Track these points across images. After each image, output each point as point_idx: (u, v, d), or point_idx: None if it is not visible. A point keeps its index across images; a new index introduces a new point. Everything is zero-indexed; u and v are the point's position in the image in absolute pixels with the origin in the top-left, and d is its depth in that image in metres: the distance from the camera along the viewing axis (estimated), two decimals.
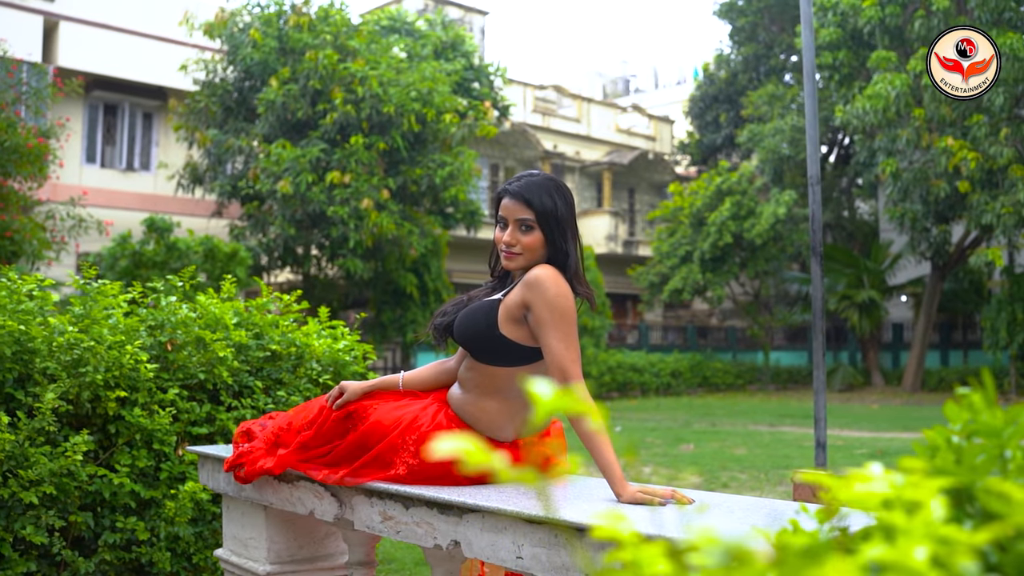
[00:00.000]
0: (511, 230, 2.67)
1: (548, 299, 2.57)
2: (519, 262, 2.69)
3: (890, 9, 19.64)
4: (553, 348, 2.55)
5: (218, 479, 3.44)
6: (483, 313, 2.68)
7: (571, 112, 31.95)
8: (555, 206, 2.65)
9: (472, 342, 2.71)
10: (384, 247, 15.75)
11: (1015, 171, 18.30)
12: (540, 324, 2.57)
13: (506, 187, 2.72)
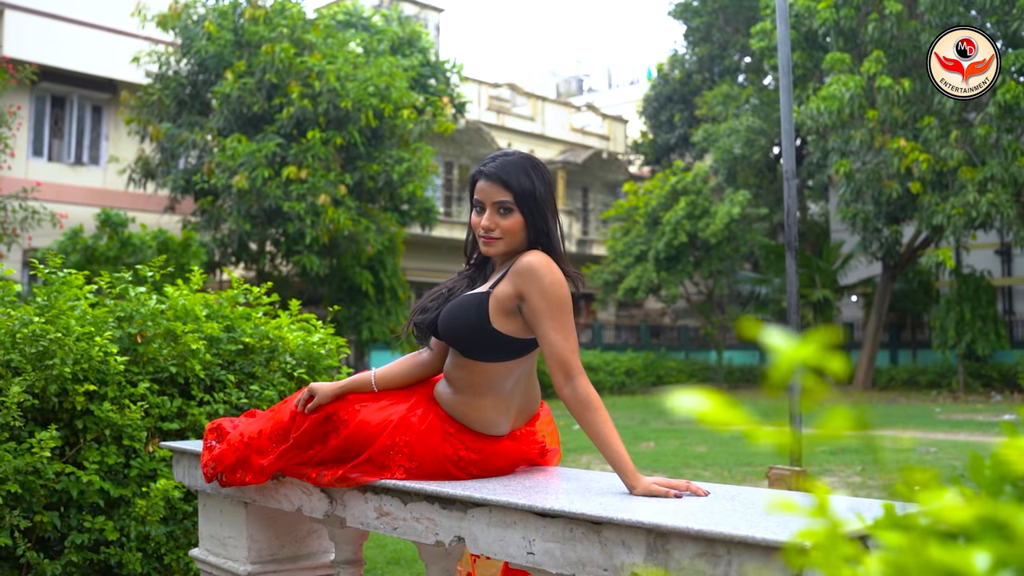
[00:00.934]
0: (489, 214, 2.53)
1: (543, 288, 2.46)
2: (499, 247, 2.55)
3: (844, 12, 19.83)
4: (552, 339, 2.45)
5: (195, 476, 3.30)
6: (472, 307, 2.52)
7: (525, 111, 31.91)
8: (533, 186, 2.52)
9: (462, 339, 2.54)
10: (340, 244, 15.56)
11: (965, 173, 18.57)
12: (536, 314, 2.46)
13: (480, 169, 2.56)
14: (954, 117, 19.05)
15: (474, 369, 2.57)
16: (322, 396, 2.70)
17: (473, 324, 2.51)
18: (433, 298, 2.69)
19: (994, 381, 22.84)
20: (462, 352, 2.56)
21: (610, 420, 2.39)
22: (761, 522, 1.91)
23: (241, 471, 2.84)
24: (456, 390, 2.61)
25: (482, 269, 2.71)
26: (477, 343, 2.53)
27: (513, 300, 2.50)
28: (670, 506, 2.11)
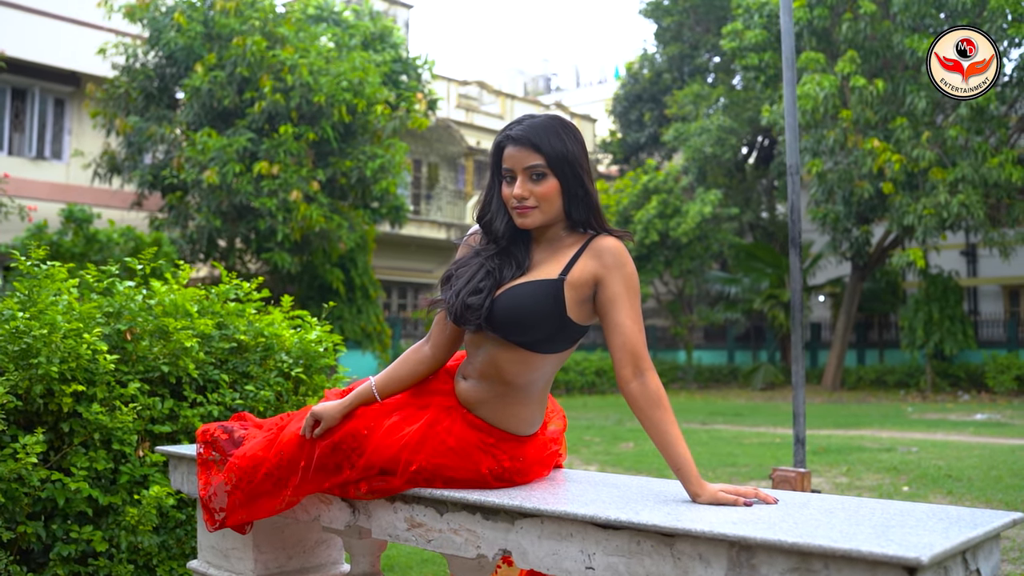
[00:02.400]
0: (521, 181, 2.31)
1: (626, 274, 2.28)
2: (536, 217, 2.33)
3: (818, 11, 19.84)
4: (628, 329, 2.25)
5: (195, 482, 3.07)
6: (548, 295, 2.27)
7: (494, 109, 31.73)
8: (565, 147, 2.31)
9: (533, 329, 2.29)
10: (312, 241, 15.27)
11: (935, 174, 18.64)
12: (614, 301, 2.26)
13: (507, 134, 2.35)
14: (926, 118, 19.12)
15: (532, 363, 2.35)
16: (328, 420, 2.46)
17: (551, 313, 2.28)
18: (478, 278, 2.38)
19: (961, 381, 23.00)
20: (525, 344, 2.32)
21: (676, 422, 2.20)
22: (857, 533, 1.74)
23: (245, 512, 2.61)
24: (500, 390, 2.38)
25: (511, 250, 2.42)
26: (549, 335, 2.31)
27: (590, 287, 2.30)
28: (747, 515, 1.93)
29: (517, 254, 2.41)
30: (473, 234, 2.56)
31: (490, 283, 2.36)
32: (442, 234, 27.53)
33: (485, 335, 2.37)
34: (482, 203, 2.48)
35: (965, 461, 9.60)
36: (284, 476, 2.51)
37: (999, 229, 19.92)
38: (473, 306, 2.34)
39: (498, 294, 2.34)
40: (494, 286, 2.36)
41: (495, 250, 2.42)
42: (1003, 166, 17.91)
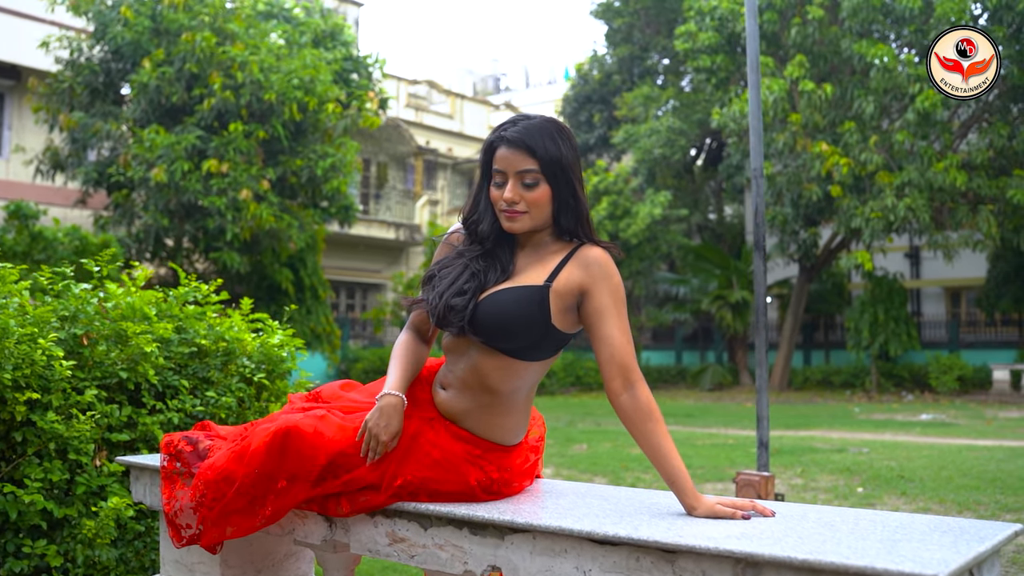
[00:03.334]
0: (512, 185, 2.25)
1: (613, 285, 2.23)
2: (524, 222, 2.27)
3: (768, 16, 20.01)
4: (615, 340, 2.20)
5: (159, 495, 2.95)
6: (533, 302, 2.22)
7: (444, 108, 31.60)
8: (560, 152, 2.25)
9: (518, 336, 2.24)
10: (261, 240, 15.04)
11: (882, 177, 18.91)
12: (601, 313, 2.21)
13: (501, 134, 2.29)
14: (873, 123, 19.39)
15: (516, 370, 2.29)
16: (394, 436, 2.31)
17: (536, 321, 2.22)
18: (462, 279, 2.31)
19: (905, 381, 23.36)
20: (509, 352, 2.26)
21: (669, 433, 2.15)
22: (866, 548, 1.69)
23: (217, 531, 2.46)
24: (485, 399, 2.31)
25: (496, 252, 2.35)
26: (534, 342, 2.25)
27: (575, 296, 2.25)
28: (748, 530, 1.88)
29: (502, 257, 2.35)
30: (454, 233, 2.49)
31: (474, 285, 2.30)
32: (391, 234, 27.34)
33: (467, 342, 2.30)
34: (470, 203, 2.41)
35: (915, 462, 9.71)
36: (259, 493, 2.37)
37: (943, 232, 20.26)
38: (456, 307, 2.27)
39: (482, 298, 2.27)
40: (478, 289, 2.29)
41: (479, 251, 2.36)
42: (948, 171, 18.21)
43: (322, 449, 2.29)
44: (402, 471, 2.26)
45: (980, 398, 20.74)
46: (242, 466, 2.39)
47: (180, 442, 2.66)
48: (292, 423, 2.33)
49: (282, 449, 2.31)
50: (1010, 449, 10.84)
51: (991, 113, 20.13)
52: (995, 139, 18.73)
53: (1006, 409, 17.59)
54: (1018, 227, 19.48)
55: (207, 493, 2.44)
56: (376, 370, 22.18)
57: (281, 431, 2.33)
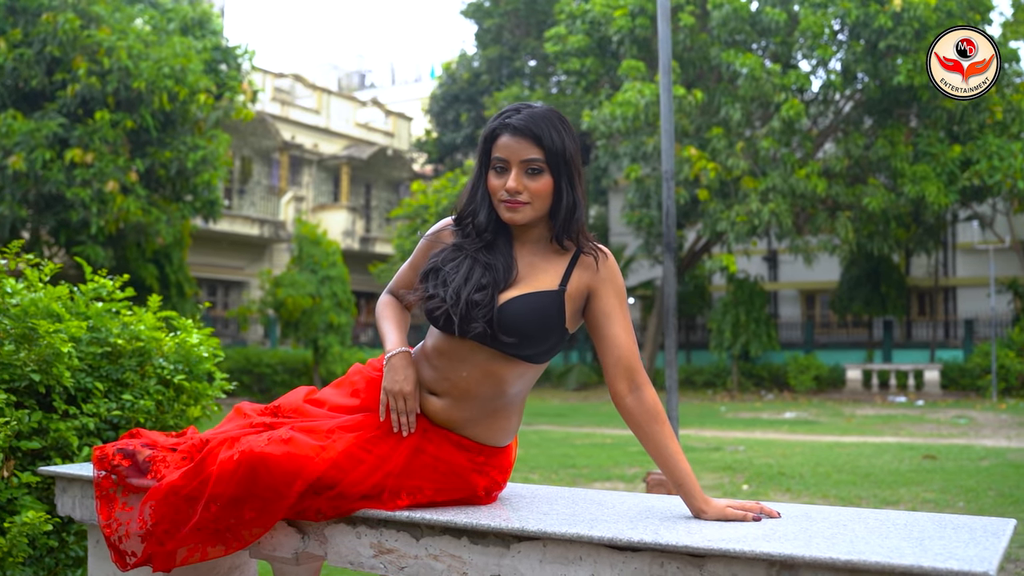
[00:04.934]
0: (516, 174, 2.15)
1: (618, 286, 2.20)
2: (526, 213, 2.17)
3: (639, 21, 20.38)
4: (621, 341, 2.17)
5: (90, 507, 2.73)
6: (553, 307, 2.15)
7: (310, 103, 31.02)
8: (564, 145, 2.17)
9: (537, 341, 2.16)
10: (127, 235, 14.38)
11: (747, 183, 19.52)
12: (608, 314, 2.18)
13: (505, 121, 2.19)
14: (740, 129, 20.00)
15: (527, 374, 2.24)
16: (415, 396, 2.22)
17: (556, 326, 2.16)
18: (477, 274, 2.18)
19: (765, 380, 24.20)
20: (527, 357, 2.18)
21: (675, 436, 2.11)
22: (901, 547, 1.68)
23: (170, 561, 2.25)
24: (490, 406, 2.23)
25: (495, 247, 2.24)
26: (549, 345, 2.19)
27: (583, 298, 2.21)
28: (769, 531, 1.84)
29: (503, 253, 2.23)
30: (441, 231, 2.38)
31: (491, 279, 2.17)
32: (255, 230, 26.65)
33: (470, 346, 2.17)
34: (468, 195, 2.30)
35: (791, 459, 10.03)
36: (224, 526, 2.19)
37: (803, 237, 21.07)
38: (480, 303, 2.13)
39: (501, 303, 2.15)
40: (495, 285, 2.17)
41: (481, 244, 2.23)
42: (809, 177, 18.95)
43: (298, 476, 2.12)
44: (406, 485, 2.15)
45: (835, 396, 21.67)
46: (202, 491, 2.20)
47: (115, 456, 2.44)
48: (259, 450, 2.14)
49: (251, 480, 2.13)
50: (875, 445, 11.34)
51: (847, 124, 21.06)
52: (852, 149, 19.59)
53: (861, 407, 18.41)
54: (872, 233, 20.44)
55: (159, 523, 2.23)
56: (241, 369, 21.58)
57: (246, 460, 2.13)
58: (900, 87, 19.12)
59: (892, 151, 19.54)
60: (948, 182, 19.42)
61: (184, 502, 2.21)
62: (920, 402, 19.67)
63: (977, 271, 26.99)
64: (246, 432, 2.31)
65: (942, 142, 19.89)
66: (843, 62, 19.95)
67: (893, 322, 26.23)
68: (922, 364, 22.31)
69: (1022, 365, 20.55)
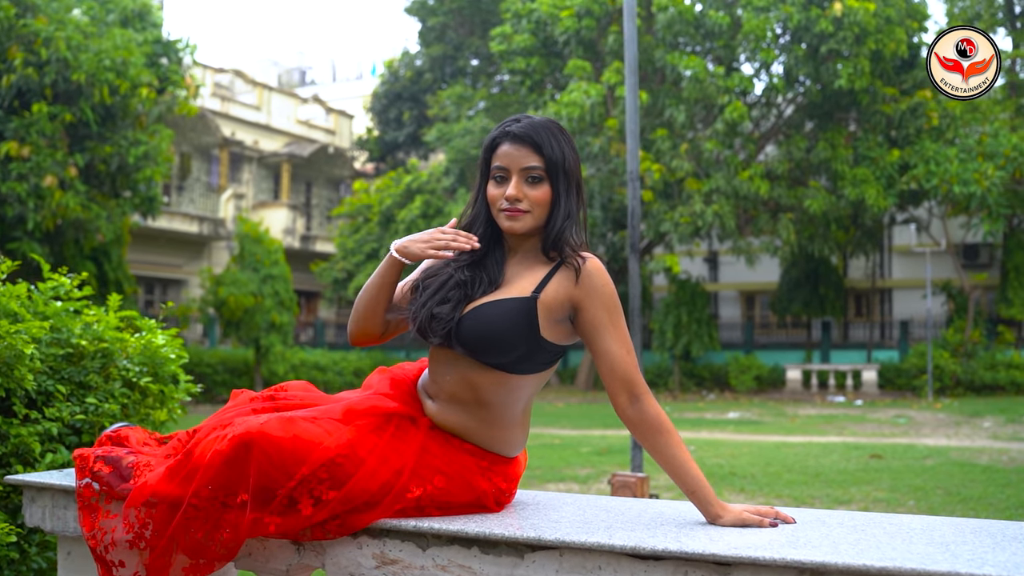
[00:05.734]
0: (516, 182, 2.13)
1: (606, 298, 2.12)
2: (526, 222, 2.14)
3: (586, 22, 20.44)
4: (614, 354, 2.11)
5: (62, 517, 2.61)
6: (520, 314, 2.09)
7: (251, 99, 30.59)
8: (564, 155, 2.15)
9: (505, 350, 2.10)
10: (65, 231, 14.00)
11: (691, 184, 19.69)
12: (597, 327, 2.12)
13: (505, 129, 2.17)
14: (684, 131, 20.16)
15: (509, 384, 2.15)
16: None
17: (523, 334, 2.09)
18: (447, 287, 2.18)
19: (706, 380, 24.43)
20: (499, 366, 2.12)
21: (683, 443, 2.07)
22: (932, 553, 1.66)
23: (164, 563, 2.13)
24: (481, 414, 2.17)
25: (485, 261, 2.23)
26: (523, 355, 2.12)
27: (566, 309, 2.14)
28: (792, 538, 1.81)
29: (490, 266, 2.22)
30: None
31: (459, 294, 2.16)
32: (194, 227, 26.20)
33: (454, 353, 2.16)
34: (469, 206, 2.28)
35: (740, 459, 10.11)
36: (214, 513, 2.07)
37: (746, 238, 21.31)
38: (440, 316, 2.13)
39: (467, 310, 2.13)
40: (464, 298, 2.15)
41: (468, 260, 2.22)
42: (752, 179, 19.17)
43: (305, 457, 2.03)
44: (413, 484, 2.08)
45: (776, 396, 21.95)
46: (190, 483, 2.09)
47: (96, 463, 2.32)
48: (256, 428, 2.03)
49: (244, 460, 2.03)
50: (821, 445, 11.48)
51: (789, 127, 21.35)
52: (794, 151, 19.86)
53: (802, 407, 18.67)
54: (813, 235, 20.74)
55: (146, 523, 2.12)
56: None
57: (242, 437, 2.02)
58: (841, 91, 19.44)
59: (833, 154, 19.86)
60: (887, 185, 19.80)
61: (171, 499, 2.10)
62: (859, 402, 20.02)
63: (912, 273, 27.59)
64: (243, 413, 2.23)
65: (881, 146, 20.27)
66: (785, 66, 20.23)
67: (831, 323, 26.67)
68: (860, 364, 22.71)
69: (956, 366, 21.02)
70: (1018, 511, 6.89)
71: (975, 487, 7.99)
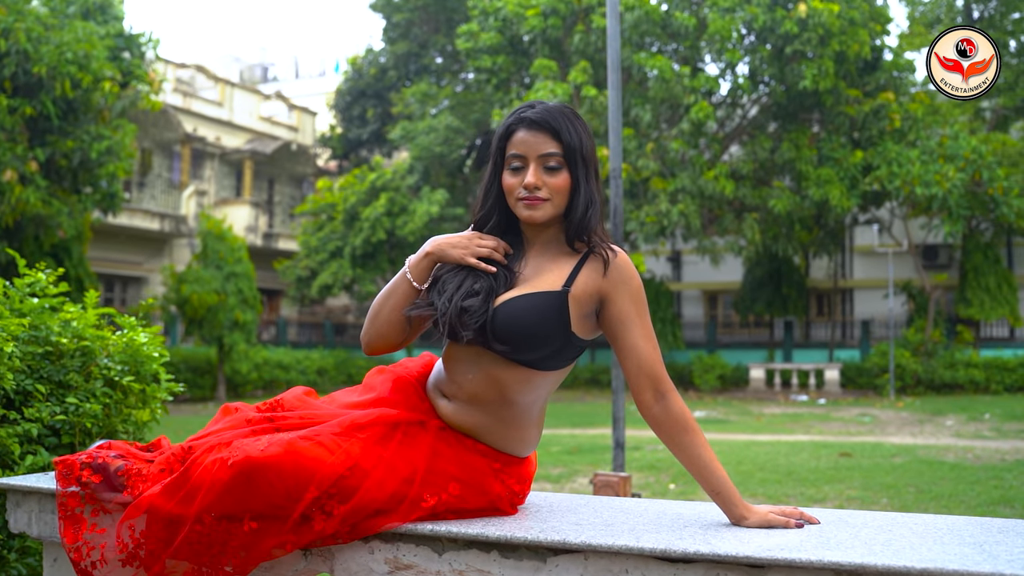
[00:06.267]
0: (534, 169, 2.06)
1: (633, 290, 2.06)
2: (546, 210, 2.07)
3: (552, 21, 20.42)
4: (642, 350, 2.04)
5: (50, 522, 2.51)
6: (552, 309, 2.02)
7: (213, 95, 30.22)
8: (582, 141, 2.09)
9: (536, 346, 2.03)
10: (25, 227, 13.73)
11: (657, 183, 19.74)
12: (625, 322, 2.05)
13: (521, 116, 2.10)
14: (650, 131, 20.20)
15: (534, 381, 2.09)
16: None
17: (557, 329, 2.03)
18: (471, 280, 2.09)
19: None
20: (528, 362, 2.05)
21: (707, 442, 2.02)
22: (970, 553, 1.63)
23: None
24: (502, 413, 2.10)
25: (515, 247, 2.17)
26: (553, 351, 2.05)
27: (594, 302, 2.07)
28: (823, 538, 1.77)
29: (510, 258, 2.15)
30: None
31: (486, 286, 2.08)
32: (155, 224, 25.85)
33: (476, 351, 2.08)
34: (481, 199, 2.19)
35: None
36: (219, 540, 1.99)
37: (710, 238, 21.42)
38: (471, 310, 2.04)
39: (496, 305, 2.05)
40: (491, 290, 2.07)
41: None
42: (717, 179, 19.25)
43: (309, 480, 1.95)
44: (427, 493, 2.01)
45: (740, 396, 22.08)
46: (189, 504, 1.99)
47: (83, 471, 2.20)
48: (256, 455, 1.95)
49: (246, 488, 1.95)
50: (789, 444, 11.54)
51: (754, 127, 21.48)
52: (758, 151, 19.98)
53: (767, 406, 18.79)
54: (777, 235, 20.88)
55: (142, 545, 2.03)
56: None
57: (242, 466, 1.94)
58: (805, 92, 19.59)
59: (797, 154, 20.01)
60: (850, 186, 19.99)
61: (169, 518, 2.01)
62: (822, 400, 20.18)
63: (873, 273, 27.88)
64: (241, 435, 2.11)
65: (844, 147, 20.46)
66: (750, 66, 20.34)
67: (793, 322, 26.89)
68: (822, 363, 22.90)
69: (917, 365, 21.27)
70: (990, 508, 6.95)
71: (945, 484, 8.05)
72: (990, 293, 22.71)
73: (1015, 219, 20.13)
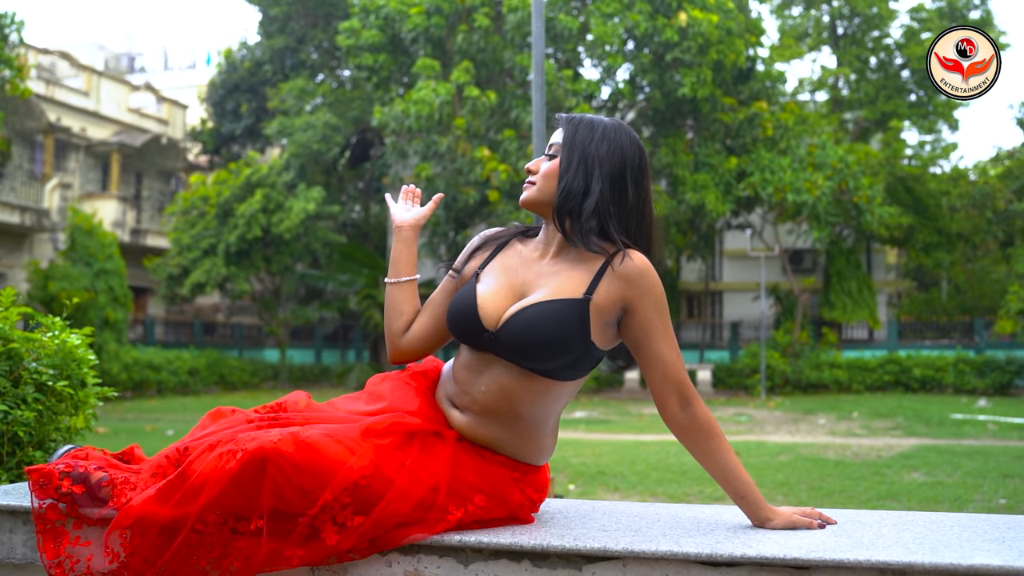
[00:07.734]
0: (542, 156, 2.14)
1: (657, 299, 2.02)
2: (530, 192, 2.09)
3: (435, 20, 20.34)
4: (666, 358, 2.02)
5: (7, 541, 2.33)
6: (574, 317, 1.98)
7: (78, 84, 28.93)
8: (591, 139, 2.05)
9: (555, 356, 1.98)
10: None
11: None
12: (648, 330, 2.01)
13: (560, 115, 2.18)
14: (531, 132, 20.32)
15: (551, 392, 2.04)
16: None
17: (576, 338, 1.98)
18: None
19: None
20: (545, 372, 2.00)
21: (730, 446, 2.04)
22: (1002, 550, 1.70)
23: None
24: (517, 427, 2.06)
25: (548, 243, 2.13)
26: (572, 361, 2.00)
27: (616, 311, 2.02)
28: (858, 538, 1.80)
29: (531, 260, 2.14)
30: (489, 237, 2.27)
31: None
32: (15, 218, 24.58)
33: (489, 358, 2.04)
34: None
35: (604, 458, 10.24)
36: (221, 541, 1.88)
37: None
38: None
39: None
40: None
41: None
42: None
43: (327, 479, 1.85)
44: (452, 505, 1.95)
45: (615, 396, 22.46)
46: (188, 505, 1.87)
47: (63, 481, 2.03)
48: (271, 444, 1.84)
49: (257, 480, 1.84)
50: (676, 443, 11.65)
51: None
52: None
53: (644, 406, 19.14)
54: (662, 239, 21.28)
55: (135, 553, 1.89)
56: None
57: (255, 454, 1.83)
58: (683, 99, 20.06)
59: (674, 159, 20.49)
60: (725, 191, 20.57)
61: (165, 523, 1.88)
62: None
63: (742, 276, 28.79)
64: (245, 431, 1.98)
65: (719, 153, 21.05)
66: (631, 72, 20.71)
67: None
68: (694, 364, 23.55)
69: (785, 365, 22.06)
70: (880, 502, 7.25)
71: (833, 481, 8.36)
72: (852, 297, 23.78)
73: (877, 227, 21.11)
